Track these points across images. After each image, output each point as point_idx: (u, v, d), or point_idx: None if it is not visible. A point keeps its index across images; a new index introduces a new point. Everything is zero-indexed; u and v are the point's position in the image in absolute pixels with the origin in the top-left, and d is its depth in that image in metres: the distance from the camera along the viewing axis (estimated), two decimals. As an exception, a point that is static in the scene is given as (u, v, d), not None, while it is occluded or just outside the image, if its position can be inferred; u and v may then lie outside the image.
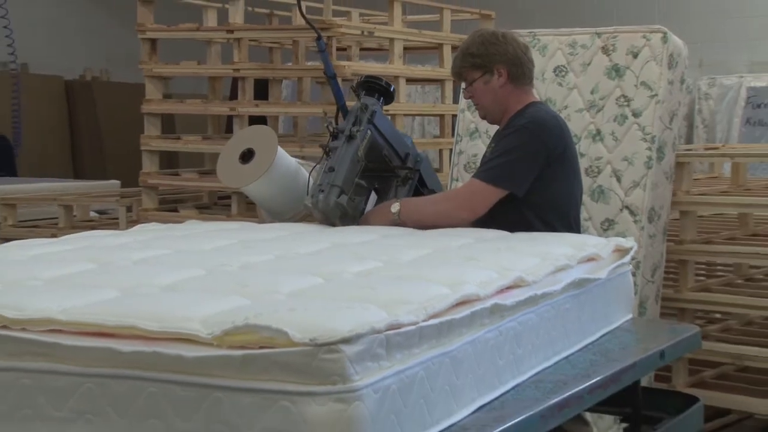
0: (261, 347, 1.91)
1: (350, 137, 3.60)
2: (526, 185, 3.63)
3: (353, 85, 3.93)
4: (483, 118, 3.98)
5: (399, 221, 3.53)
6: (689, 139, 9.16)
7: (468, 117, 5.23)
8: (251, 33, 6.21)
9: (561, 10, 9.98)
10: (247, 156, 3.77)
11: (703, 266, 5.85)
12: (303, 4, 6.45)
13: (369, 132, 3.62)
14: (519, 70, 3.77)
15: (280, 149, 3.78)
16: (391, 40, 6.10)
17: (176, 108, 6.63)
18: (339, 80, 4.26)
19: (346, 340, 1.88)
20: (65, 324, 2.08)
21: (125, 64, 8.61)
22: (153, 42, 6.22)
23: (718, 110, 9.49)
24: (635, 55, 4.87)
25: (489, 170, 3.65)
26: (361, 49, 6.49)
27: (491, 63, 3.73)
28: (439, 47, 6.50)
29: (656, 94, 4.80)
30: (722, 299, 5.37)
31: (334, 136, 3.66)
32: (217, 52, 6.38)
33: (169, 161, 6.62)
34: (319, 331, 1.88)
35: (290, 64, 6.56)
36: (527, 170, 3.63)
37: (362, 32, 6.12)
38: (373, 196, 3.73)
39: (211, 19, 6.33)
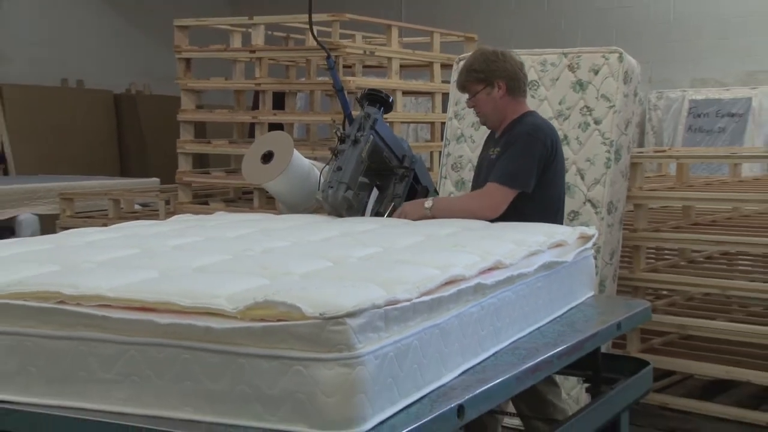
0: (278, 320, 1.91)
1: (355, 141, 3.59)
2: (533, 182, 3.64)
3: (358, 97, 3.91)
4: (483, 124, 3.97)
5: (430, 215, 3.53)
6: (641, 144, 9.16)
7: (455, 124, 5.22)
8: (270, 53, 6.21)
9: (534, 32, 9.97)
10: (267, 157, 3.77)
11: (652, 251, 5.87)
12: (314, 29, 6.46)
13: (371, 137, 3.61)
14: (516, 83, 3.77)
15: (295, 152, 3.77)
16: (390, 58, 6.11)
17: (207, 117, 6.63)
18: (345, 92, 4.23)
19: (351, 314, 1.89)
20: (113, 300, 2.09)
21: (164, 79, 8.58)
22: (187, 61, 6.22)
23: (664, 119, 9.51)
24: (596, 72, 4.87)
25: (504, 175, 3.64)
26: (364, 66, 6.49)
27: (492, 77, 3.73)
28: (430, 65, 6.51)
29: (614, 105, 4.80)
30: (669, 279, 5.40)
31: (342, 140, 3.65)
32: (241, 69, 6.38)
33: (201, 162, 6.61)
34: (327, 306, 1.88)
35: (303, 79, 6.56)
36: (533, 170, 3.65)
37: (365, 52, 6.12)
38: (375, 192, 3.71)
39: (236, 41, 6.33)
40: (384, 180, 3.75)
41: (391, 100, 3.87)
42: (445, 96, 5.89)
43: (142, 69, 10.89)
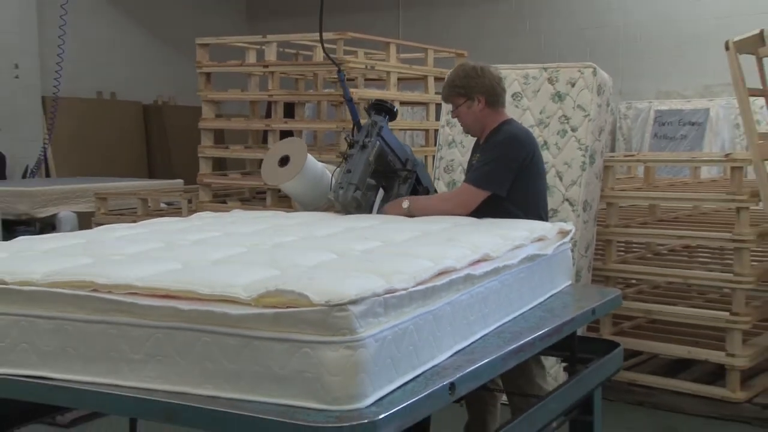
0: (288, 307, 1.91)
1: (363, 146, 3.57)
2: (507, 186, 3.60)
3: (366, 106, 3.88)
4: (466, 133, 3.96)
5: (408, 213, 3.51)
6: (612, 149, 9.15)
7: (446, 131, 5.22)
8: (282, 68, 6.21)
9: (517, 49, 9.96)
10: (284, 161, 3.75)
11: (623, 244, 5.87)
12: (319, 48, 6.45)
13: (378, 142, 3.59)
14: (494, 97, 3.73)
15: (309, 156, 3.76)
16: (388, 72, 6.11)
17: (225, 124, 6.63)
18: (354, 102, 4.21)
19: (353, 302, 1.88)
20: (140, 288, 2.09)
21: (187, 91, 8.59)
22: (208, 75, 6.21)
23: (633, 127, 9.53)
24: (573, 85, 4.86)
25: (476, 177, 3.62)
26: (366, 79, 6.48)
27: (472, 92, 3.70)
28: (424, 78, 6.51)
29: (588, 114, 4.79)
30: (637, 269, 5.41)
31: (351, 145, 3.63)
32: (255, 82, 6.39)
33: (220, 165, 6.60)
34: (332, 294, 1.88)
35: (311, 91, 6.57)
36: (506, 174, 3.60)
37: (366, 66, 6.12)
38: (381, 192, 3.70)
39: (251, 57, 6.33)
40: (389, 181, 3.72)
41: (395, 110, 3.84)
42: (438, 106, 5.90)
43: (168, 82, 10.91)
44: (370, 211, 3.59)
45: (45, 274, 2.23)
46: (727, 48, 4.74)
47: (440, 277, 2.27)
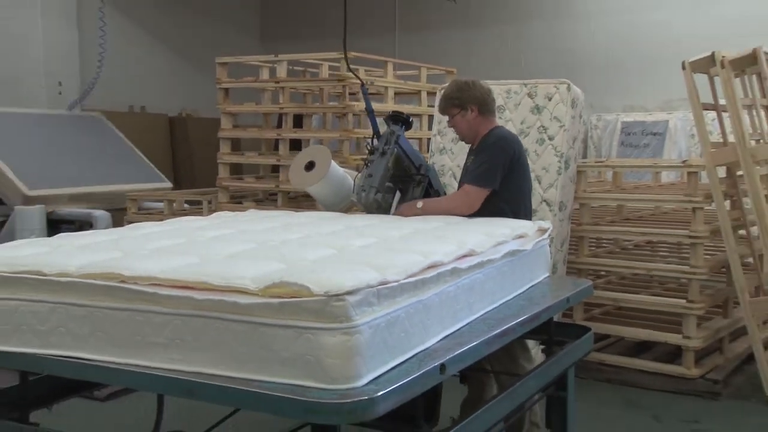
0: (292, 297, 1.90)
1: (383, 153, 3.56)
2: (499, 181, 3.59)
3: (384, 117, 3.84)
4: (462, 140, 3.92)
5: (421, 213, 3.49)
6: (585, 156, 9.15)
7: (438, 140, 5.20)
8: (291, 83, 6.20)
9: (500, 67, 9.93)
10: (309, 166, 3.72)
11: (594, 240, 5.84)
12: (327, 65, 6.44)
13: (395, 149, 3.58)
14: (485, 106, 3.73)
15: (333, 162, 3.72)
16: (386, 87, 6.09)
17: (241, 134, 6.61)
18: (374, 114, 4.16)
19: (350, 293, 1.88)
20: (162, 280, 2.09)
21: (208, 105, 8.56)
22: (226, 90, 6.21)
23: (602, 136, 9.51)
24: (550, 99, 4.85)
25: (476, 178, 3.60)
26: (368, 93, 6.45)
27: (465, 103, 3.70)
28: (418, 92, 6.49)
29: (564, 125, 4.78)
30: (606, 262, 5.40)
31: (371, 152, 3.62)
32: (268, 96, 6.36)
33: (236, 170, 6.58)
34: (331, 286, 1.88)
35: (318, 104, 6.54)
36: (498, 171, 3.59)
37: (367, 82, 6.09)
38: (398, 194, 3.67)
39: (264, 74, 6.31)
40: (405, 185, 3.70)
41: (411, 120, 3.82)
42: (431, 117, 5.88)
43: (191, 97, 10.90)
44: (388, 212, 3.56)
45: (79, 267, 2.23)
46: (683, 68, 4.75)
47: (429, 271, 2.26)
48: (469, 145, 3.88)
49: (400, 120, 3.72)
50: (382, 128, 3.82)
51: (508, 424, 3.39)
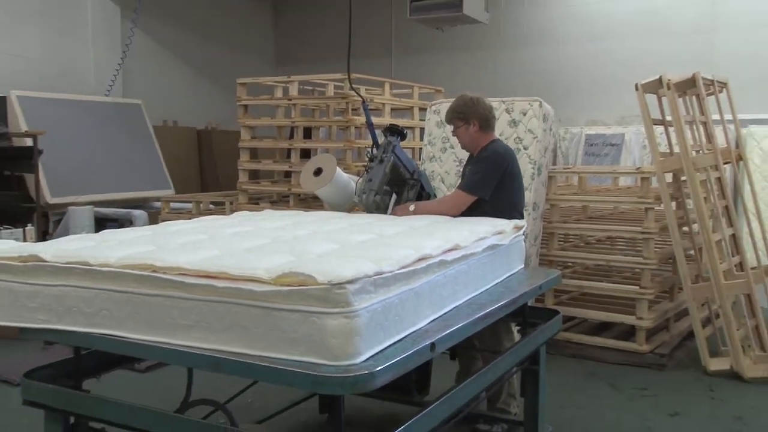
0: (300, 285, 1.89)
1: (381, 161, 3.51)
2: (490, 191, 3.51)
3: (382, 129, 3.76)
4: (464, 148, 3.81)
5: (413, 214, 3.44)
6: (554, 163, 9.14)
7: (428, 149, 5.18)
8: (302, 101, 6.19)
9: (481, 87, 9.83)
10: (318, 172, 3.69)
11: (562, 236, 5.83)
12: (332, 84, 6.43)
13: (392, 157, 3.52)
14: (486, 122, 3.64)
15: (338, 168, 3.68)
16: (384, 104, 6.08)
17: (258, 144, 6.59)
18: (373, 126, 4.08)
19: (350, 282, 1.87)
20: (188, 270, 2.07)
21: (230, 119, 8.57)
22: (245, 107, 6.20)
23: (569, 147, 9.50)
24: (524, 114, 4.83)
25: (468, 185, 3.54)
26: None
27: (469, 117, 3.62)
28: (411, 108, 6.48)
29: (537, 137, 4.77)
30: (572, 255, 5.39)
31: (371, 160, 3.57)
32: (281, 111, 6.35)
33: (254, 175, 6.58)
34: (333, 276, 1.87)
35: (324, 118, 6.53)
36: (490, 182, 3.51)
37: (367, 99, 6.07)
38: (394, 197, 3.63)
39: (278, 93, 6.30)
40: (400, 188, 3.64)
41: (405, 132, 3.75)
42: (422, 129, 5.86)
43: (216, 112, 10.90)
44: (386, 212, 3.51)
45: (119, 259, 2.22)
46: (636, 89, 4.77)
47: (420, 262, 2.25)
48: (469, 153, 3.81)
49: (396, 132, 3.70)
50: (381, 139, 3.79)
51: (488, 393, 3.39)
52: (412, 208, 3.51)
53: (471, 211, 3.48)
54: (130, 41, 9.06)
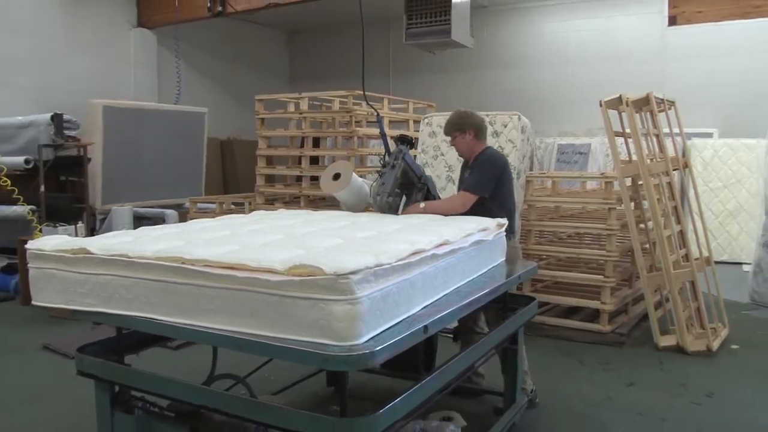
0: (309, 276, 1.88)
1: (393, 166, 3.44)
2: (490, 190, 3.47)
3: (395, 138, 3.66)
4: (461, 156, 3.74)
5: (423, 212, 3.39)
6: (531, 169, 9.10)
7: (421, 157, 5.17)
8: (311, 114, 6.16)
9: (467, 102, 9.88)
10: (336, 176, 3.62)
11: (538, 232, 5.82)
12: (337, 100, 6.41)
13: (402, 163, 3.46)
14: (480, 131, 3.60)
15: (354, 174, 3.62)
16: (383, 117, 6.04)
17: (273, 152, 6.56)
18: (386, 136, 4.00)
19: (353, 273, 1.86)
20: (212, 262, 2.06)
21: (249, 131, 8.57)
22: (262, 120, 6.18)
23: (544, 155, 9.50)
24: (505, 126, 4.82)
25: (471, 186, 3.47)
26: (367, 122, 6.43)
27: (465, 127, 3.57)
28: (407, 121, 6.45)
29: (516, 146, 4.75)
30: (547, 249, 5.37)
31: (384, 165, 3.50)
32: (293, 124, 6.33)
33: (270, 179, 6.56)
34: (338, 268, 1.86)
35: (331, 129, 6.50)
36: (489, 183, 3.47)
37: (368, 113, 6.06)
38: (404, 198, 3.55)
39: (291, 107, 6.28)
40: (410, 191, 3.57)
41: (413, 141, 3.66)
42: (416, 139, 5.84)
43: (237, 124, 10.90)
44: (397, 212, 3.45)
45: (154, 251, 2.22)
46: (600, 105, 4.76)
47: (414, 256, 2.24)
48: (465, 161, 3.75)
49: (406, 141, 3.63)
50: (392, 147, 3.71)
51: (477, 366, 3.38)
52: (422, 206, 3.45)
53: (475, 209, 3.43)
54: (178, 66, 9.10)
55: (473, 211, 3.40)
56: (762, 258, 5.99)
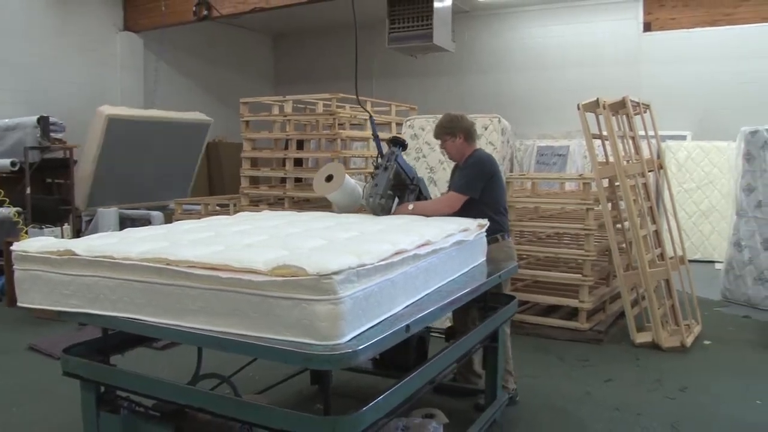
0: (292, 276, 1.87)
1: (385, 168, 3.42)
2: (479, 192, 3.44)
3: (388, 140, 3.64)
4: (451, 159, 3.70)
5: (412, 213, 3.36)
6: (511, 170, 9.13)
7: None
8: (295, 117, 6.12)
9: (450, 105, 9.90)
10: (329, 178, 3.58)
11: (518, 232, 5.85)
12: (321, 104, 6.39)
13: (395, 165, 3.44)
14: (469, 135, 3.57)
15: (347, 175, 3.58)
16: (366, 119, 6.04)
17: (258, 154, 6.51)
18: (379, 138, 3.95)
19: (335, 273, 1.85)
20: (196, 263, 2.05)
21: (234, 133, 8.52)
22: (247, 122, 6.13)
23: (524, 156, 9.53)
24: (486, 128, 4.84)
25: (460, 187, 3.45)
26: (351, 124, 6.41)
27: (455, 131, 3.54)
28: (389, 123, 6.44)
29: (496, 148, 4.77)
30: (527, 248, 5.39)
31: (377, 167, 3.48)
32: (278, 126, 6.29)
33: (254, 181, 6.51)
34: (321, 268, 1.85)
35: (314, 132, 6.48)
36: (478, 183, 3.44)
37: (351, 116, 6.05)
38: (396, 200, 3.51)
39: (275, 110, 6.25)
40: (402, 192, 3.55)
41: (406, 143, 3.64)
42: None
43: (222, 127, 10.81)
44: (390, 213, 3.42)
45: (138, 253, 2.20)
46: (578, 108, 4.79)
47: (396, 256, 2.24)
48: (456, 162, 3.72)
49: (399, 143, 3.61)
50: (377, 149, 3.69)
51: (459, 364, 3.39)
52: (410, 207, 3.42)
53: (465, 209, 3.41)
54: (157, 71, 9.03)
55: (466, 212, 3.38)
56: (733, 257, 6.08)
